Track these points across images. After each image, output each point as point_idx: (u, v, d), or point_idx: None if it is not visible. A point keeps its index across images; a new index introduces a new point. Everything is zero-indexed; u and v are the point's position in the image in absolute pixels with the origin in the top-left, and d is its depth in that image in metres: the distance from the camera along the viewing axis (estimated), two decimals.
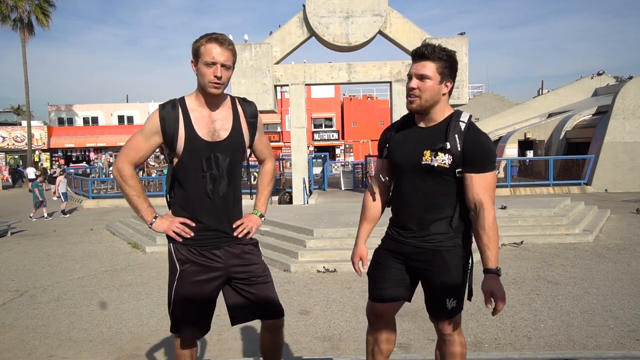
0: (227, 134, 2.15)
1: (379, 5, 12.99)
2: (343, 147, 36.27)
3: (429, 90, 2.00)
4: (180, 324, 2.26)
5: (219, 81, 2.04)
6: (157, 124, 2.09)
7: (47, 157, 34.32)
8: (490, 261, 1.96)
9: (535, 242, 8.57)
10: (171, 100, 2.15)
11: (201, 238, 2.17)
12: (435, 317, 2.17)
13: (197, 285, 2.18)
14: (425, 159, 2.02)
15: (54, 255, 9.11)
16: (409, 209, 2.13)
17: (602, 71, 26.00)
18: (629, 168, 17.24)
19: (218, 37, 2.04)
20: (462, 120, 2.03)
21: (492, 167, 2.01)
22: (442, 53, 2.00)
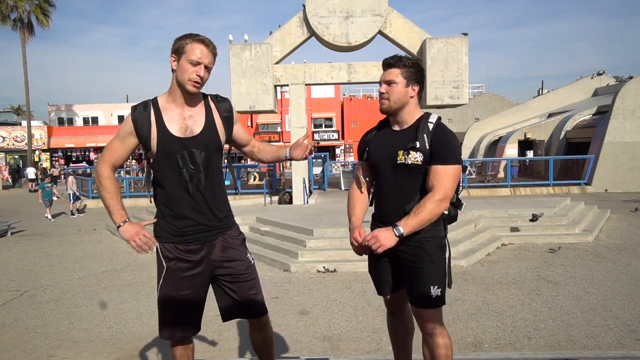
0: (200, 129, 2.18)
1: (379, 5, 12.99)
2: (343, 147, 36.28)
3: (395, 93, 2.24)
4: (169, 324, 2.27)
5: (200, 81, 2.11)
6: (130, 125, 2.15)
7: (47, 157, 34.34)
8: (401, 221, 2.13)
9: (535, 242, 8.57)
10: (143, 102, 2.20)
11: (186, 234, 2.19)
12: (419, 306, 2.25)
13: (185, 280, 2.20)
14: (399, 159, 2.23)
15: (54, 255, 9.11)
16: (389, 205, 2.32)
17: (602, 71, 26.00)
18: (629, 168, 17.24)
19: (204, 39, 2.12)
20: (430, 122, 2.24)
21: (455, 161, 2.18)
22: (407, 61, 2.25)
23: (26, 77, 28.80)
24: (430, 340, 2.25)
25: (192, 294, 2.22)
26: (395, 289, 2.41)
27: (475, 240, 8.09)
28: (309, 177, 15.53)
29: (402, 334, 2.58)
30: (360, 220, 2.43)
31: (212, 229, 2.23)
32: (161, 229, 2.22)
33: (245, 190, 17.27)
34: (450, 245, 7.91)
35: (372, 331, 4.65)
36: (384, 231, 2.13)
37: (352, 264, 7.10)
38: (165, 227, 2.21)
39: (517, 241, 8.57)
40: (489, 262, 7.34)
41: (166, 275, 2.20)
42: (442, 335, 2.24)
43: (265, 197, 14.81)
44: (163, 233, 2.21)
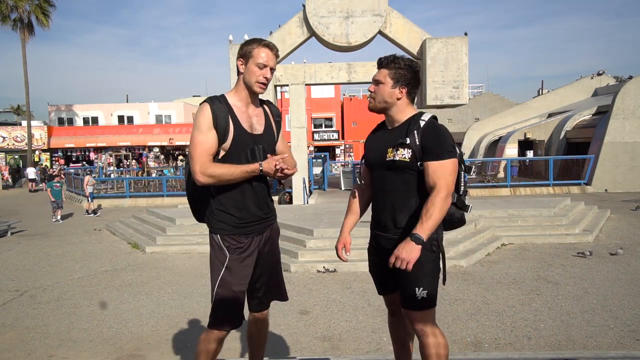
0: (262, 128, 2.37)
1: (379, 5, 12.99)
2: (343, 147, 36.28)
3: (380, 93, 2.27)
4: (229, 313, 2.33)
5: (267, 82, 2.29)
6: (210, 118, 2.22)
7: (47, 157, 34.31)
8: (416, 228, 2.07)
9: (535, 242, 8.57)
10: (215, 97, 2.31)
11: (247, 225, 2.34)
12: (406, 307, 2.24)
13: (244, 270, 2.34)
14: (388, 156, 2.23)
15: (54, 255, 9.11)
16: (381, 205, 2.34)
17: (602, 71, 26.01)
18: (629, 168, 17.24)
19: (269, 44, 2.28)
20: (422, 119, 2.23)
21: (450, 155, 2.15)
22: (399, 62, 2.24)
23: (26, 77, 28.80)
24: (419, 340, 2.22)
25: (246, 283, 2.37)
26: (394, 289, 2.41)
27: (475, 240, 8.09)
28: (309, 177, 15.53)
29: (403, 335, 2.58)
30: (348, 228, 2.53)
31: (264, 221, 2.42)
32: (221, 221, 2.32)
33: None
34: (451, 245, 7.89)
35: (372, 331, 4.65)
36: (404, 247, 2.05)
37: (352, 264, 7.10)
38: (226, 219, 2.32)
39: (517, 241, 8.57)
40: (489, 262, 7.34)
41: (229, 264, 2.31)
42: (433, 335, 2.19)
43: None
44: (224, 225, 2.31)
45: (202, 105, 2.27)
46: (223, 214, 2.32)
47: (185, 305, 5.71)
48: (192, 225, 9.28)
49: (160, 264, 8.06)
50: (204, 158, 2.20)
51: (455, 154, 2.18)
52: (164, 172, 22.32)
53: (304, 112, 14.06)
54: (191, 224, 9.27)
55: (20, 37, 28.44)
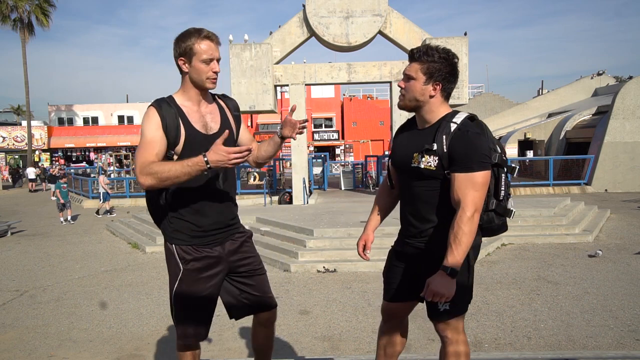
0: (217, 126, 2.18)
1: (379, 5, 12.99)
2: (343, 147, 36.25)
3: (411, 90, 2.04)
4: (184, 326, 2.22)
5: (216, 76, 2.10)
6: (158, 121, 2.04)
7: (47, 157, 34.31)
8: (447, 259, 1.89)
9: (535, 242, 8.57)
10: (162, 99, 2.13)
11: (206, 234, 2.16)
12: (430, 318, 2.16)
13: (202, 282, 2.17)
14: (414, 162, 2.03)
15: (54, 255, 9.11)
16: (406, 211, 2.17)
17: (602, 71, 26.02)
18: (629, 168, 17.24)
19: (208, 34, 2.07)
20: (454, 121, 1.99)
21: (480, 166, 1.91)
22: (432, 54, 2.00)
23: (26, 77, 28.81)
24: (442, 347, 2.15)
25: (208, 295, 2.20)
26: (404, 298, 2.26)
27: None
28: (309, 177, 15.52)
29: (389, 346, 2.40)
30: (372, 226, 2.37)
31: (228, 228, 2.23)
32: (177, 230, 2.14)
33: (245, 190, 17.25)
34: None
35: (372, 331, 4.65)
36: (437, 280, 1.87)
37: (352, 264, 7.10)
38: (183, 228, 2.14)
39: (517, 241, 8.57)
40: (489, 262, 7.34)
41: (182, 277, 2.16)
42: (456, 343, 2.08)
43: (265, 197, 14.80)
44: (180, 235, 2.14)
45: (148, 109, 2.07)
46: (179, 222, 2.13)
47: None
48: None
49: (160, 264, 8.05)
50: (145, 158, 1.97)
51: (487, 165, 1.94)
52: None
53: (304, 112, 14.05)
54: None
55: (20, 37, 28.45)
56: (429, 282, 1.90)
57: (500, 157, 2.03)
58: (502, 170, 2.04)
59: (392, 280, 2.27)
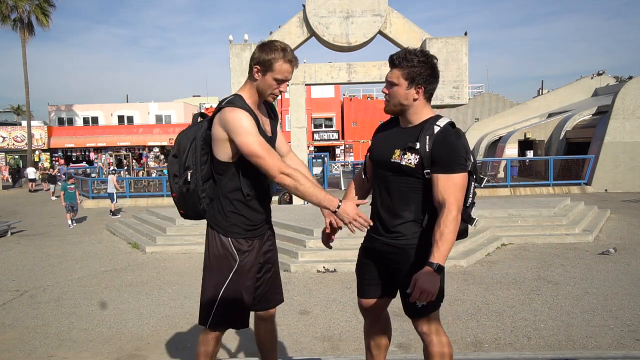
0: (270, 130, 2.36)
1: (379, 5, 12.98)
2: (343, 147, 36.27)
3: (395, 95, 2.12)
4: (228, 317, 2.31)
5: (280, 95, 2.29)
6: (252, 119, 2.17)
7: (47, 157, 34.31)
8: (434, 256, 1.93)
9: (535, 242, 8.57)
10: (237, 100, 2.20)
11: (257, 227, 2.34)
12: (408, 315, 2.20)
13: (252, 273, 2.33)
14: (394, 158, 2.11)
15: (54, 255, 9.11)
16: (380, 207, 2.23)
17: (602, 71, 26.00)
18: (629, 168, 17.24)
19: (292, 59, 2.21)
20: (437, 124, 2.08)
21: (461, 168, 2.02)
22: (412, 59, 2.06)
23: (26, 77, 28.79)
24: (423, 339, 2.18)
25: (254, 285, 2.36)
26: (378, 294, 2.32)
27: (475, 240, 8.09)
28: None
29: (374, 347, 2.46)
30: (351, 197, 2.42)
31: (267, 223, 2.43)
32: (235, 224, 2.28)
33: None
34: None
35: None
36: (424, 277, 1.90)
37: (352, 264, 7.05)
38: (239, 222, 2.28)
39: (517, 241, 8.57)
40: (489, 262, 7.34)
41: (238, 269, 2.28)
42: (436, 333, 2.14)
43: None
44: (236, 228, 2.28)
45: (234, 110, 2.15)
46: (237, 216, 2.28)
47: (185, 305, 5.71)
48: (192, 225, 9.28)
49: (160, 264, 8.06)
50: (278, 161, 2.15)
51: (466, 167, 2.05)
52: (164, 172, 22.31)
53: (304, 112, 14.06)
54: (191, 224, 9.26)
55: (20, 37, 28.44)
56: (416, 278, 1.92)
57: (473, 165, 2.12)
58: (472, 178, 2.11)
59: (364, 277, 2.35)
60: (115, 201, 14.60)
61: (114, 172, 17.32)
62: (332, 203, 2.12)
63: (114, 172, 17.51)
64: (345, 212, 2.10)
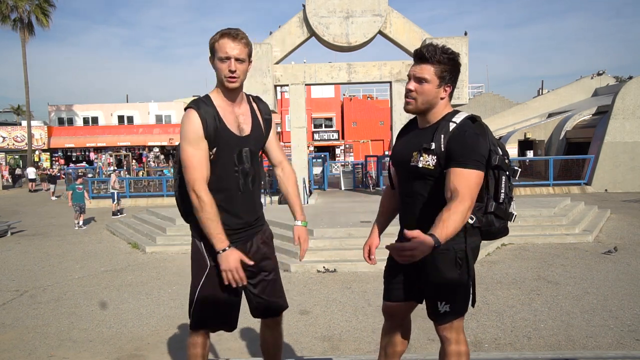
0: (249, 128, 2.20)
1: (379, 5, 12.98)
2: (343, 147, 36.27)
3: (425, 93, 1.98)
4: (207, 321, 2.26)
5: (234, 75, 2.07)
6: (199, 125, 2.05)
7: (47, 157, 34.33)
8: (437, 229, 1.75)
9: (535, 242, 8.57)
10: (200, 100, 2.15)
11: (234, 232, 2.19)
12: (430, 318, 2.15)
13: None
14: (412, 161, 2.02)
15: (54, 255, 9.11)
16: (404, 211, 2.17)
17: (602, 71, 26.03)
18: (629, 168, 17.24)
19: (230, 31, 2.07)
20: (453, 121, 1.98)
21: (475, 165, 1.88)
22: (443, 56, 1.95)
23: (26, 77, 28.80)
24: (442, 346, 2.14)
25: (233, 291, 2.23)
26: (404, 298, 2.24)
27: None
28: (309, 177, 15.52)
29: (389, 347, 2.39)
30: (377, 229, 2.35)
31: (252, 228, 2.27)
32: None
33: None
34: None
35: (372, 331, 4.65)
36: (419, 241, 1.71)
37: (352, 264, 7.10)
38: None
39: (517, 241, 8.57)
40: (489, 262, 7.34)
41: (210, 273, 2.18)
42: (456, 343, 2.07)
43: (265, 197, 14.80)
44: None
45: (188, 111, 2.08)
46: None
47: (185, 305, 5.69)
48: None
49: (160, 264, 8.06)
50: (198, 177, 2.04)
51: (481, 166, 1.90)
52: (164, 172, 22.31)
53: (304, 112, 14.05)
54: None
55: (20, 37, 28.45)
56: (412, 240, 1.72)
57: (502, 159, 1.99)
58: (503, 172, 1.99)
59: (392, 280, 2.26)
60: (116, 201, 14.44)
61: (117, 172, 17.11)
62: (219, 244, 2.04)
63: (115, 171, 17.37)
64: (226, 259, 2.04)
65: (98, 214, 15.10)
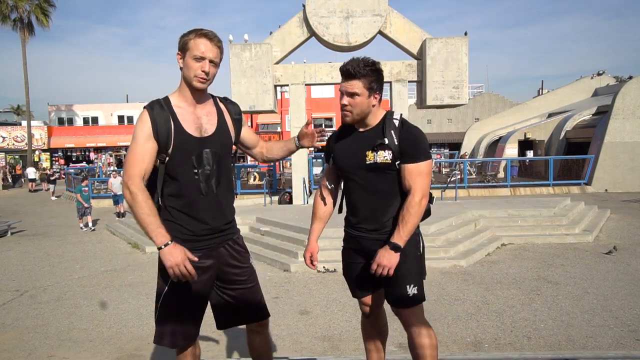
0: (213, 129, 2.15)
1: (379, 5, 12.98)
2: None
3: (358, 105, 2.19)
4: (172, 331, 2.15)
5: (206, 76, 2.05)
6: (149, 127, 2.03)
7: (47, 157, 34.33)
8: (394, 236, 2.14)
9: (535, 242, 8.57)
10: (156, 101, 2.11)
11: (198, 238, 2.12)
12: (398, 306, 2.24)
13: (192, 287, 2.11)
14: (368, 159, 2.20)
15: (54, 255, 9.11)
16: (362, 208, 2.30)
17: (602, 71, 26.02)
18: (629, 168, 17.24)
19: (208, 33, 2.06)
20: (395, 118, 2.23)
21: (425, 157, 2.18)
22: (367, 69, 2.14)
23: (26, 77, 28.81)
24: (414, 340, 2.20)
25: (198, 300, 2.17)
26: (371, 290, 2.41)
27: (475, 240, 8.09)
28: (308, 177, 15.52)
29: (376, 337, 2.55)
30: (316, 236, 2.52)
31: (221, 234, 2.19)
32: (170, 232, 2.03)
33: (245, 190, 17.24)
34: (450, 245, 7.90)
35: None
36: (384, 254, 2.13)
37: None
38: (174, 230, 2.06)
39: (517, 241, 8.57)
40: (489, 262, 7.34)
41: (172, 283, 2.08)
42: (427, 336, 2.19)
43: (265, 197, 14.80)
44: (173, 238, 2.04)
45: (142, 112, 2.08)
46: (171, 224, 2.07)
47: None
48: None
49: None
50: (134, 172, 1.99)
51: (430, 155, 2.22)
52: None
53: (304, 112, 14.05)
54: None
55: (20, 37, 28.45)
56: (377, 255, 2.14)
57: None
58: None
59: (356, 278, 2.41)
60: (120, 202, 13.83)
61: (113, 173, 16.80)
62: (159, 239, 1.94)
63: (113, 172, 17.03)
64: (169, 254, 1.93)
65: (98, 214, 15.09)
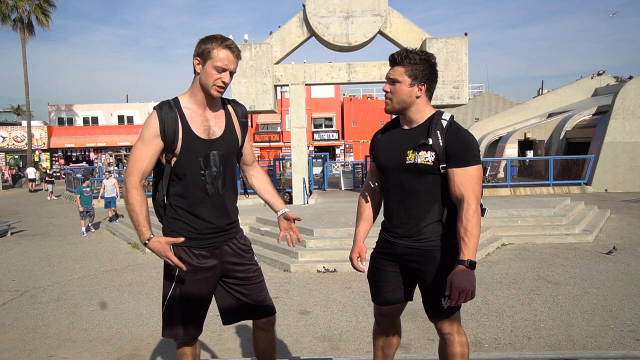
0: (221, 131, 2.18)
1: (379, 5, 12.98)
2: (343, 147, 36.27)
3: (398, 93, 2.09)
4: (176, 325, 2.23)
5: (225, 86, 2.10)
6: (156, 126, 2.09)
7: (47, 157, 34.33)
8: (463, 253, 1.93)
9: (535, 242, 8.57)
10: (166, 101, 2.15)
11: (203, 237, 2.17)
12: (432, 317, 2.17)
13: (197, 284, 2.18)
14: (408, 159, 2.08)
15: (54, 255, 9.11)
16: (398, 211, 2.17)
17: (602, 71, 25.99)
18: (629, 168, 17.24)
19: (231, 45, 2.09)
20: (444, 119, 2.09)
21: (475, 161, 2.03)
22: (414, 56, 2.06)
23: (26, 77, 28.79)
24: (446, 348, 2.16)
25: (202, 297, 2.22)
26: (396, 299, 2.28)
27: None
28: (309, 177, 15.52)
29: (385, 347, 2.46)
30: (362, 237, 2.36)
31: (225, 233, 2.23)
32: (175, 231, 2.16)
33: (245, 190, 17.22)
34: None
35: (372, 331, 4.65)
36: (460, 276, 1.89)
37: None
38: (180, 229, 2.15)
39: (517, 241, 8.57)
40: (489, 262, 7.34)
41: (179, 278, 2.17)
42: (460, 344, 2.13)
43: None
44: (177, 236, 2.15)
45: (150, 114, 2.14)
46: (177, 223, 2.16)
47: None
48: None
49: (160, 263, 8.01)
50: (136, 168, 2.10)
51: (479, 159, 2.05)
52: None
53: (304, 112, 14.05)
54: None
55: (20, 37, 28.43)
56: (452, 279, 1.90)
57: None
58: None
59: (382, 284, 2.29)
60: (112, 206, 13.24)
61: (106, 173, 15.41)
62: (142, 235, 2.08)
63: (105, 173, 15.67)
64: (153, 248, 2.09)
65: (98, 214, 15.09)
